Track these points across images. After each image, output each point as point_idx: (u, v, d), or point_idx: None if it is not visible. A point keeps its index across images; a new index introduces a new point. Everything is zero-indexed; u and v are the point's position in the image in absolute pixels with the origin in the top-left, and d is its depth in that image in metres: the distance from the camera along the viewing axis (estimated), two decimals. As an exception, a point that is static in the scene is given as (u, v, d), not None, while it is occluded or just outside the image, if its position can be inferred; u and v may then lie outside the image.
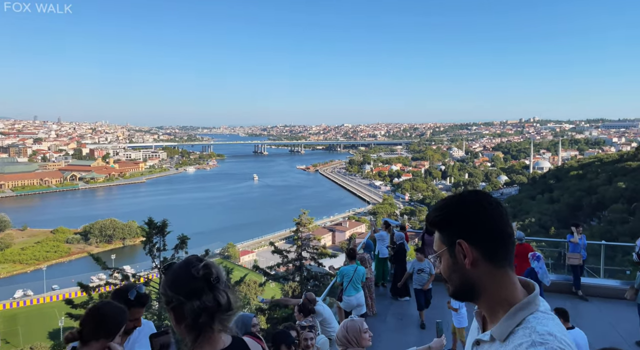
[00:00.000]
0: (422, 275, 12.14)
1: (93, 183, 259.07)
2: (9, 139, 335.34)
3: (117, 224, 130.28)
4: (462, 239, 1.80)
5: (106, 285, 18.28)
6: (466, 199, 1.88)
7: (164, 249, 19.57)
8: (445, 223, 1.90)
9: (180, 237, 20.42)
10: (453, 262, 1.86)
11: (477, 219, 1.80)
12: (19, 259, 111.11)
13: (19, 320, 77.13)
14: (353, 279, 10.48)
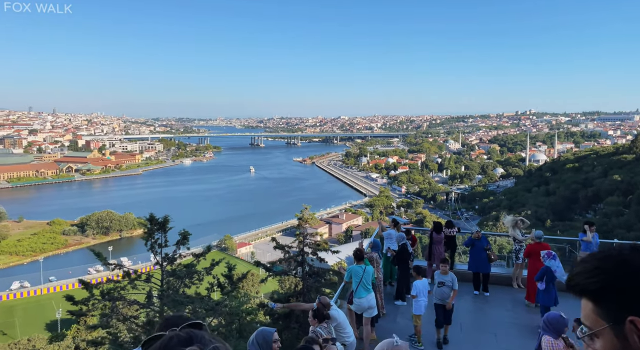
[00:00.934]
0: (443, 289, 11.13)
1: (89, 175, 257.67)
2: (4, 130, 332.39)
3: (114, 216, 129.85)
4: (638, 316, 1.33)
5: (107, 283, 18.12)
6: (633, 261, 1.40)
7: (165, 245, 19.45)
8: (608, 292, 1.41)
9: (182, 232, 20.29)
10: (622, 346, 1.37)
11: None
12: (15, 251, 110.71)
13: (16, 311, 77.09)
14: (363, 279, 10.39)
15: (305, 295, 22.99)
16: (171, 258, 19.73)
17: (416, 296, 10.83)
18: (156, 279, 19.35)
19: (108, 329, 17.40)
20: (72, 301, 17.59)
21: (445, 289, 11.06)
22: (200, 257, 19.93)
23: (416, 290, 10.88)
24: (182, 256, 20.32)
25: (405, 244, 13.77)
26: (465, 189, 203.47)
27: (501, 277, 14.58)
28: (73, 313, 17.46)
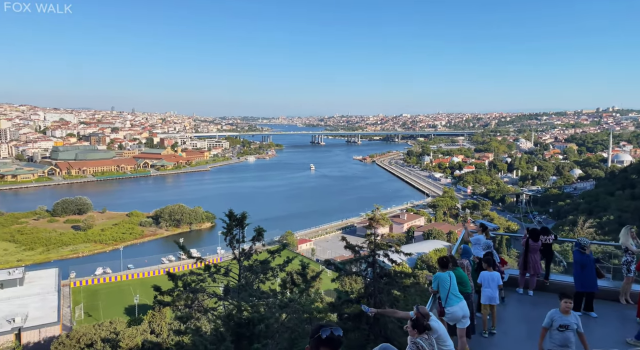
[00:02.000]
0: (566, 334, 8.71)
1: (163, 170, 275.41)
2: (90, 128, 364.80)
3: (184, 209, 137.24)
4: None
5: (190, 275, 18.95)
6: None
7: (242, 241, 19.98)
8: None
9: (257, 229, 20.74)
10: None
11: None
12: (99, 239, 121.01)
13: (99, 295, 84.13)
14: (451, 286, 9.87)
15: (376, 297, 22.60)
16: (247, 253, 20.26)
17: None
18: (234, 273, 19.96)
19: (191, 319, 18.25)
20: (159, 291, 18.62)
21: (569, 334, 8.69)
22: (275, 254, 20.30)
23: (482, 279, 9.97)
24: (257, 252, 20.82)
25: (491, 252, 12.89)
26: (538, 190, 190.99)
27: (606, 292, 13.20)
28: (160, 303, 18.49)
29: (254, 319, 15.42)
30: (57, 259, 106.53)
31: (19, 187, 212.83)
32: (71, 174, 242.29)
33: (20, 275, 79.59)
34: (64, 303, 74.55)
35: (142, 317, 60.97)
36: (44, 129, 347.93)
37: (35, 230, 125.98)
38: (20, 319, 62.93)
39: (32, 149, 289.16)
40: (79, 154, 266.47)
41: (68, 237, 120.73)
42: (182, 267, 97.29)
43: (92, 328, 52.40)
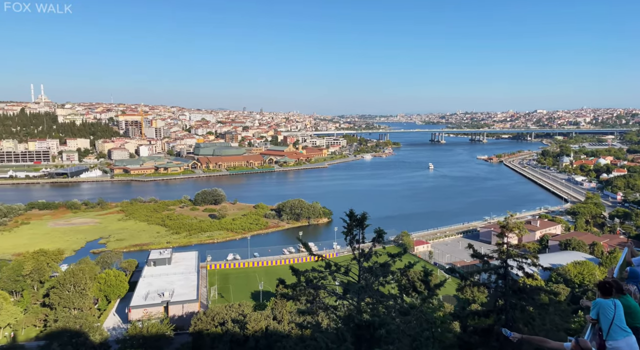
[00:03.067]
0: None
1: (285, 166, 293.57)
2: (225, 127, 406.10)
3: (304, 204, 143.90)
4: None
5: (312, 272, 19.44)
6: None
7: (362, 241, 19.83)
8: None
9: (377, 230, 20.35)
10: None
11: None
12: (230, 228, 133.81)
13: (230, 279, 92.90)
14: (616, 316, 8.21)
15: (507, 312, 20.55)
16: (367, 255, 20.06)
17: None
18: (353, 273, 19.95)
19: (312, 315, 18.78)
20: (283, 284, 19.52)
21: None
22: (395, 257, 19.74)
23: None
24: (377, 253, 20.50)
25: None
26: None
27: None
28: (284, 296, 19.36)
29: (374, 322, 15.15)
30: (197, 243, 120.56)
31: (169, 179, 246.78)
32: (209, 167, 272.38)
33: (168, 255, 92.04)
34: (201, 283, 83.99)
35: (265, 303, 65.59)
36: (189, 128, 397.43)
37: (181, 217, 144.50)
38: (168, 294, 72.75)
39: (180, 145, 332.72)
40: (216, 150, 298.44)
41: (206, 224, 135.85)
42: (301, 259, 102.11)
43: (224, 308, 57.95)
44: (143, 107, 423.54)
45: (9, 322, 66.25)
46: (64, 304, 67.88)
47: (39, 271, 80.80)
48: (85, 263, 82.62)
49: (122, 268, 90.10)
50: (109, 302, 78.10)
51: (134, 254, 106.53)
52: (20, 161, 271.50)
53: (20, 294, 79.42)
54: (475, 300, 57.73)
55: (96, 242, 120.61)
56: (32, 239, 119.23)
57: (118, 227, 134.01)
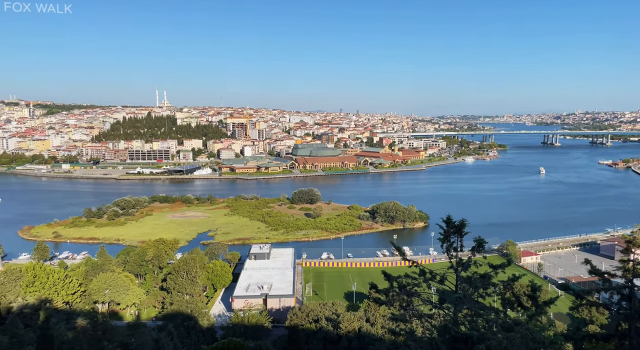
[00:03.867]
0: None
1: (380, 168, 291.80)
2: (322, 129, 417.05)
3: (398, 207, 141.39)
4: None
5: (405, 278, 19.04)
6: None
7: (461, 250, 18.87)
8: None
9: (478, 239, 19.20)
10: None
11: None
12: (325, 227, 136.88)
13: (324, 277, 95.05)
14: None
15: (632, 339, 18.01)
16: (466, 264, 19.06)
17: None
18: (449, 282, 19.11)
19: (405, 322, 18.39)
20: (375, 289, 19.41)
21: None
22: (498, 269, 18.43)
23: None
24: (477, 263, 19.38)
25: None
26: None
27: None
28: (376, 301, 19.27)
29: (473, 336, 14.32)
30: (293, 240, 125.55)
31: (269, 177, 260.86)
32: (306, 168, 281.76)
33: (267, 250, 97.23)
34: (297, 279, 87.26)
35: (358, 304, 65.88)
36: (288, 129, 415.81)
37: (279, 214, 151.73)
38: (266, 287, 76.92)
39: (280, 146, 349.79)
40: (313, 151, 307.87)
41: (302, 223, 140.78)
42: (395, 263, 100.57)
43: (318, 306, 59.51)
44: (248, 110, 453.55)
45: (134, 302, 75.67)
46: (178, 289, 75.53)
47: (158, 258, 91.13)
48: (196, 253, 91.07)
49: (227, 259, 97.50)
50: (215, 291, 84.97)
51: (237, 247, 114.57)
52: (146, 159, 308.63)
53: (143, 277, 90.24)
54: (594, 321, 51.54)
55: (205, 234, 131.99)
56: (154, 228, 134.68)
57: (224, 222, 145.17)
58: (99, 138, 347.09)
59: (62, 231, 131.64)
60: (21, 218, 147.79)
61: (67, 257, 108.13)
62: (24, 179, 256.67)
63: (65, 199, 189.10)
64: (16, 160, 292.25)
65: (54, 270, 71.85)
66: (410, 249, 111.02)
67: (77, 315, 55.56)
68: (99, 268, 78.61)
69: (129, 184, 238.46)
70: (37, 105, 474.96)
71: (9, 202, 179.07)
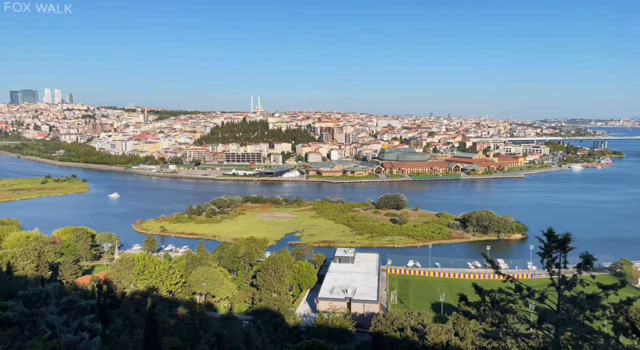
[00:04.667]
0: None
1: (473, 174, 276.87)
2: (410, 133, 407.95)
3: (492, 216, 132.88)
4: None
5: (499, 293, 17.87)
6: None
7: (564, 266, 17.21)
8: None
9: (585, 256, 17.37)
10: None
11: None
12: (411, 234, 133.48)
13: (409, 285, 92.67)
14: None
15: None
16: (570, 282, 17.31)
17: None
18: (550, 300, 17.51)
19: (498, 340, 17.26)
20: (465, 302, 18.49)
21: None
22: (609, 289, 16.49)
23: None
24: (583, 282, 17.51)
25: None
26: None
27: None
28: (466, 314, 18.35)
29: (577, 363, 12.89)
30: (378, 246, 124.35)
31: (355, 181, 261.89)
32: (392, 173, 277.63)
33: (352, 254, 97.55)
34: (381, 285, 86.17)
35: (447, 316, 63.13)
36: (375, 133, 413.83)
37: (364, 219, 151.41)
38: (350, 291, 77.18)
39: (366, 150, 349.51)
40: (400, 156, 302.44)
41: (387, 228, 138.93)
42: (487, 276, 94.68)
43: (404, 314, 58.20)
44: (336, 114, 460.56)
45: (228, 295, 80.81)
46: (266, 287, 79.10)
47: (249, 255, 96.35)
48: (283, 253, 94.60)
49: (312, 261, 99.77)
50: (301, 291, 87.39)
51: (322, 250, 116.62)
52: (240, 161, 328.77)
53: (235, 272, 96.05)
54: None
55: (292, 235, 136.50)
56: (246, 227, 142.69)
57: (310, 223, 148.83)
58: (200, 141, 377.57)
59: (167, 226, 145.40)
60: (135, 212, 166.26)
61: (171, 250, 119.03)
62: (138, 177, 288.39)
63: (170, 196, 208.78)
64: (132, 161, 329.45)
65: (160, 261, 79.65)
66: (505, 262, 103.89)
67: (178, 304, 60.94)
68: (197, 262, 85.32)
69: (225, 184, 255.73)
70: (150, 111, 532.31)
71: (125, 198, 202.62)
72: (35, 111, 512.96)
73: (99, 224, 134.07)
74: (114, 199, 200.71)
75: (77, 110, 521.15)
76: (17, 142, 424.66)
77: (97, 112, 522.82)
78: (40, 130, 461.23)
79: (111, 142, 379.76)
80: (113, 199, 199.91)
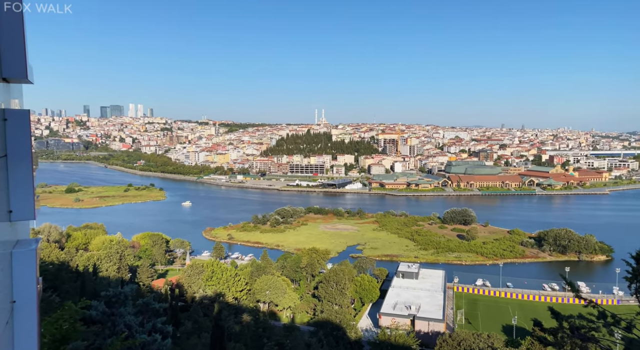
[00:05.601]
0: None
1: (549, 190, 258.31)
2: (480, 145, 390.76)
3: (572, 235, 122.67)
4: None
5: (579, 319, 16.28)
6: None
7: (659, 294, 15.25)
8: None
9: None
10: None
11: None
12: (480, 251, 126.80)
13: (478, 305, 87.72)
14: None
15: None
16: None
17: None
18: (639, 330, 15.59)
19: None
20: (540, 327, 17.03)
21: None
22: None
23: None
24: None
25: None
26: None
27: None
28: (541, 341, 16.89)
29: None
30: (444, 262, 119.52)
31: (419, 195, 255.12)
32: (460, 186, 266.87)
33: (416, 270, 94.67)
34: (447, 304, 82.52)
35: (519, 341, 58.82)
36: (441, 146, 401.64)
37: (429, 234, 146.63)
38: (414, 308, 74.74)
39: (431, 163, 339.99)
40: (468, 169, 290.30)
41: (454, 244, 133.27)
42: (566, 299, 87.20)
43: (472, 336, 55.15)
44: (400, 126, 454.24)
45: (290, 305, 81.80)
46: (328, 298, 78.98)
47: (311, 266, 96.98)
48: (345, 265, 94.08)
49: (374, 275, 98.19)
50: (363, 304, 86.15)
51: (385, 264, 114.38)
52: (304, 172, 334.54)
53: (297, 282, 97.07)
54: None
55: (354, 247, 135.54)
56: (308, 237, 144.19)
57: (372, 236, 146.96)
58: (266, 153, 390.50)
59: (234, 234, 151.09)
60: (205, 220, 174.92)
61: (237, 258, 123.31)
62: (208, 186, 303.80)
63: (237, 205, 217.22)
64: (203, 171, 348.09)
65: (227, 268, 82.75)
66: (587, 286, 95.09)
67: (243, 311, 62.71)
68: (261, 270, 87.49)
69: (289, 195, 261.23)
70: (221, 124, 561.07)
71: (197, 206, 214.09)
72: (121, 124, 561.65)
73: (173, 230, 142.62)
74: (186, 207, 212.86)
75: (157, 124, 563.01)
76: (104, 153, 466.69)
77: (173, 125, 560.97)
78: (125, 142, 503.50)
79: (185, 153, 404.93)
80: (186, 207, 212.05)
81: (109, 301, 18.90)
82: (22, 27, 4.72)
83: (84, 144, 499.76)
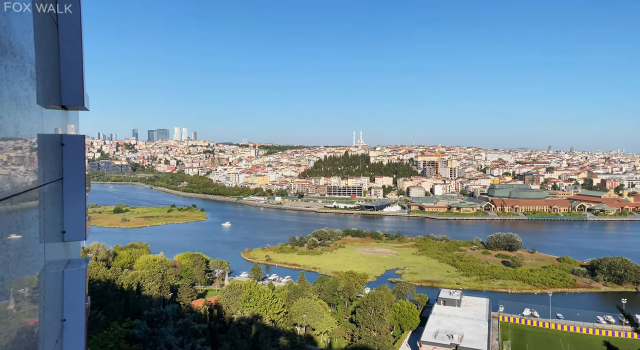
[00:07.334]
0: None
1: (602, 215, 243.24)
2: (525, 168, 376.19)
3: (629, 265, 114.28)
4: None
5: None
6: None
7: None
8: None
9: None
10: None
11: None
12: (527, 279, 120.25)
13: (526, 337, 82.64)
14: None
15: None
16: None
17: None
18: None
19: None
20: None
21: None
22: None
23: None
24: None
25: None
26: None
27: None
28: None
29: None
30: (488, 289, 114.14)
31: (461, 218, 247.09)
32: (504, 210, 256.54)
33: (458, 297, 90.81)
34: (492, 334, 78.35)
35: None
36: (484, 168, 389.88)
37: (471, 259, 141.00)
38: (457, 338, 71.37)
39: (473, 186, 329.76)
40: (513, 192, 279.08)
41: (498, 271, 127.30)
42: (623, 333, 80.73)
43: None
44: (440, 148, 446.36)
45: (327, 330, 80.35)
46: (366, 324, 76.99)
47: (349, 290, 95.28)
48: (383, 290, 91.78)
49: (414, 301, 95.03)
50: (402, 332, 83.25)
51: (425, 289, 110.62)
52: (341, 194, 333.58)
53: (335, 306, 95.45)
54: None
55: (393, 271, 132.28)
56: (345, 260, 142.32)
57: (412, 261, 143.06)
58: (304, 174, 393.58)
59: (272, 255, 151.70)
60: (244, 241, 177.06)
61: (274, 279, 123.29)
62: (247, 208, 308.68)
63: (275, 226, 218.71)
64: (243, 192, 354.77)
65: (265, 290, 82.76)
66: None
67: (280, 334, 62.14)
68: (298, 293, 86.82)
69: (326, 217, 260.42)
70: (260, 146, 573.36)
71: (236, 226, 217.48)
72: (166, 147, 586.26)
73: (213, 251, 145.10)
74: (226, 227, 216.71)
75: (200, 146, 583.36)
76: (150, 175, 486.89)
77: (215, 147, 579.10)
78: (169, 164, 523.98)
79: (226, 175, 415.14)
80: (225, 228, 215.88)
81: (151, 320, 19.21)
82: (81, 59, 4.99)
83: (131, 166, 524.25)
